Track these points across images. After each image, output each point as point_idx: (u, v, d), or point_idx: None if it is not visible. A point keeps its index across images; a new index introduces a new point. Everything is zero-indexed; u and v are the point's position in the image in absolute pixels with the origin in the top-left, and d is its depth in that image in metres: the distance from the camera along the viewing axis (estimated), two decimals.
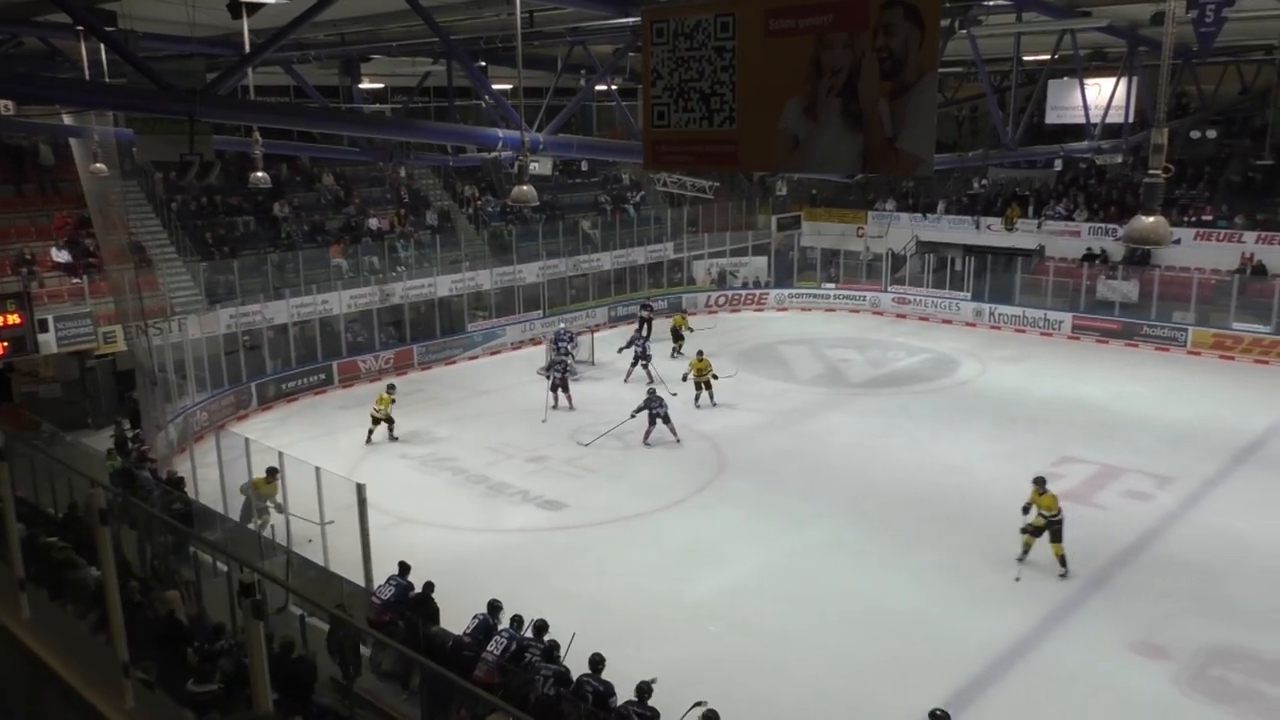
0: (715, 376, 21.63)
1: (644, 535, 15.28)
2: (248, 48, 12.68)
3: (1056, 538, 13.49)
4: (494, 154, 15.88)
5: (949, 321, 30.05)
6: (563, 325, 26.50)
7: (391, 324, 26.29)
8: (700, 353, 22.18)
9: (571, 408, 21.51)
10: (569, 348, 24.25)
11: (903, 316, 30.78)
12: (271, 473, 13.96)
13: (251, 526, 13.67)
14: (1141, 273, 27.69)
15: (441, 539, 14.90)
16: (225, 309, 22.60)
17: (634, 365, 23.63)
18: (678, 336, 26.64)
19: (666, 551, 14.64)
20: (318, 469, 12.66)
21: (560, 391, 21.66)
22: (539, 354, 25.87)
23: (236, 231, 25.87)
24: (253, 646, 3.73)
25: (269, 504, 14.01)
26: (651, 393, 19.61)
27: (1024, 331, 28.72)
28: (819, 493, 16.74)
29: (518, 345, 28.02)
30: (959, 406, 21.49)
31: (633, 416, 19.27)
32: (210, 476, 15.21)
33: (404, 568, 11.06)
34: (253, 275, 23.97)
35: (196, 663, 8.03)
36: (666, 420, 19.22)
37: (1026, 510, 13.56)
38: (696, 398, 21.65)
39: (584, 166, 35.32)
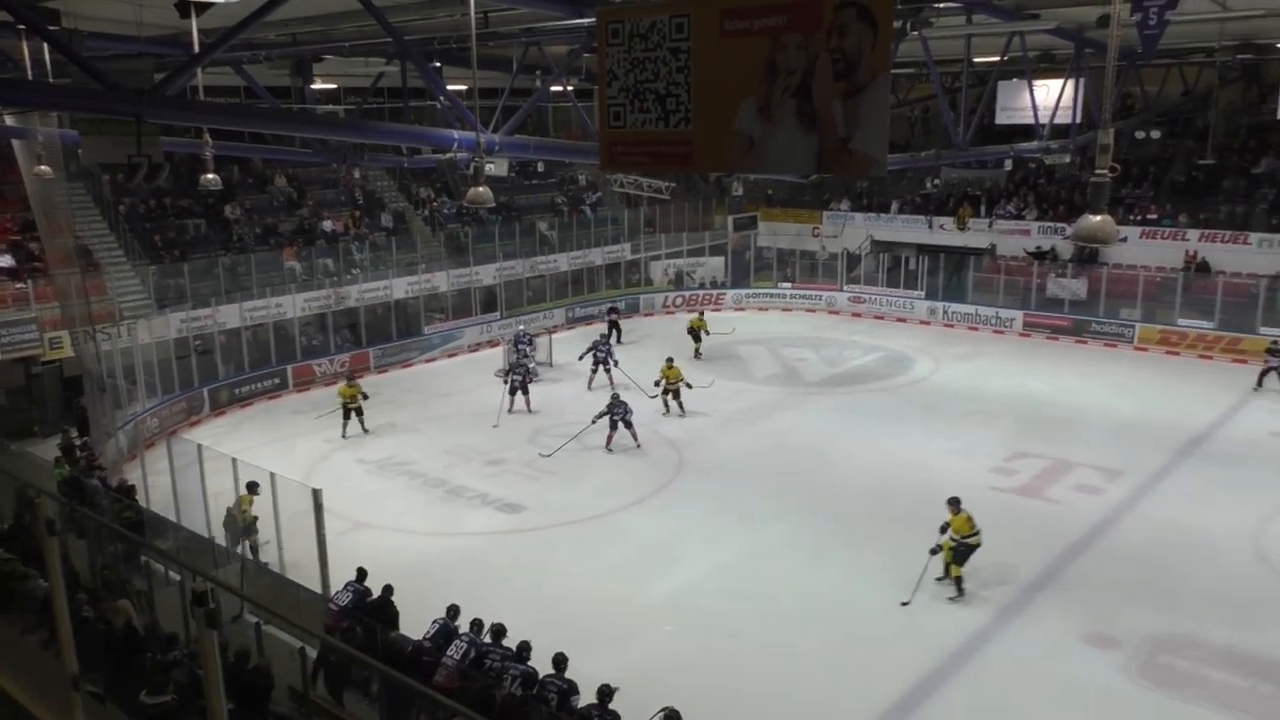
0: (688, 385, 21.28)
1: (604, 536, 15.26)
2: (196, 47, 12.49)
3: (959, 560, 12.87)
4: (449, 155, 15.75)
5: (903, 320, 30.37)
6: (521, 327, 26.41)
7: (347, 327, 26.02)
8: (670, 360, 21.73)
9: (530, 411, 21.41)
10: (528, 350, 24.17)
11: (858, 315, 31.07)
12: (252, 488, 13.45)
13: (240, 550, 13.18)
14: (1090, 271, 28.22)
15: (399, 543, 14.76)
16: (175, 313, 22.23)
17: (595, 371, 23.39)
18: (697, 338, 26.36)
19: (626, 552, 14.64)
20: (272, 474, 12.48)
21: (520, 394, 21.52)
22: (497, 356, 25.73)
23: (187, 234, 25.45)
24: (207, 656, 3.67)
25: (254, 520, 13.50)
26: (615, 398, 19.44)
27: (977, 329, 29.12)
28: (776, 491, 16.83)
29: (475, 347, 27.86)
30: (914, 404, 21.72)
31: (594, 422, 19.10)
32: (162, 484, 14.94)
33: (361, 573, 10.94)
34: (204, 279, 23.60)
35: (150, 674, 7.88)
36: (629, 426, 19.06)
37: (944, 530, 12.94)
38: (665, 406, 21.22)
39: (540, 168, 35.21)
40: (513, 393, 21.43)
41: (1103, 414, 20.69)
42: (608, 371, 23.14)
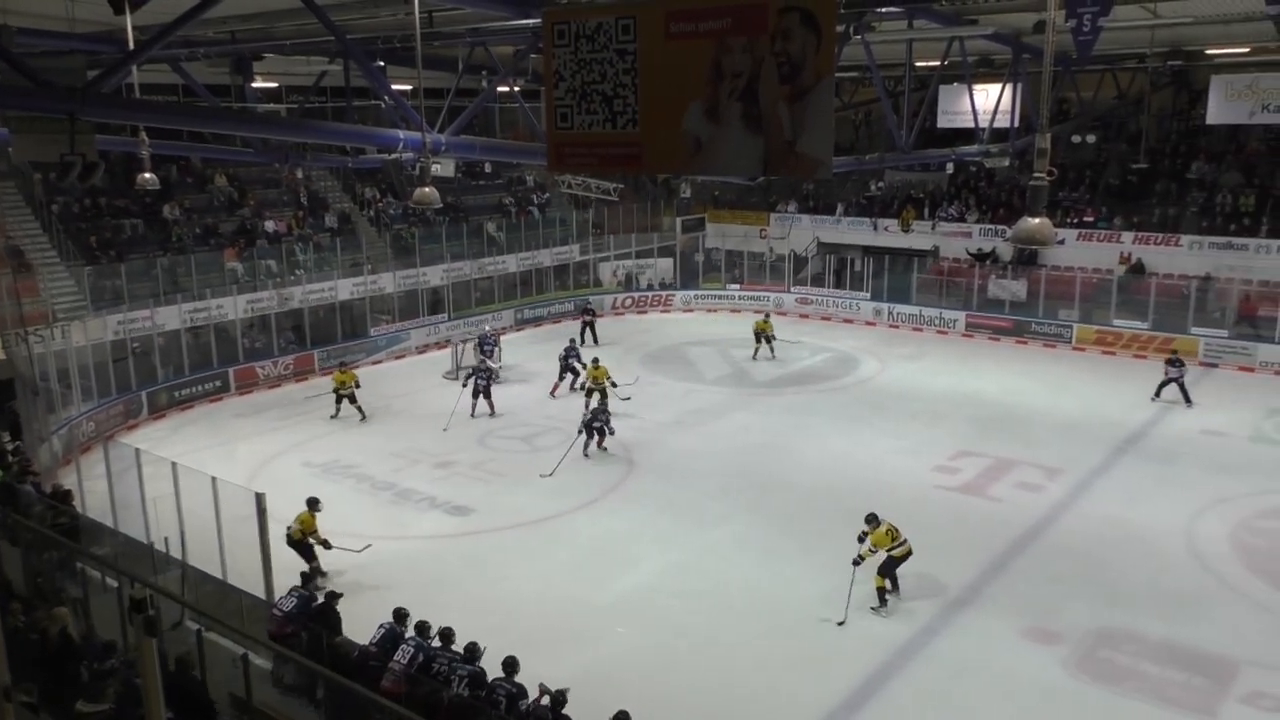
0: (613, 384, 21.00)
1: (555, 538, 15.22)
2: (131, 44, 12.22)
3: (883, 571, 12.72)
4: (395, 155, 15.59)
5: (850, 321, 30.70)
6: (488, 328, 26.22)
7: (291, 328, 25.68)
8: (595, 360, 21.59)
9: (493, 414, 21.21)
10: (494, 349, 24.17)
11: (805, 316, 31.35)
12: (313, 504, 13.49)
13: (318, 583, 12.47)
14: (1030, 272, 28.78)
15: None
16: (112, 315, 21.71)
17: (561, 378, 22.98)
18: (760, 339, 26.17)
19: (577, 554, 14.62)
20: (214, 479, 12.25)
21: (483, 398, 21.26)
22: (444, 358, 25.60)
23: (123, 234, 24.90)
24: (145, 665, 3.59)
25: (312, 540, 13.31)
26: (602, 403, 19.44)
27: (921, 330, 29.55)
28: (727, 491, 16.93)
29: (422, 349, 27.63)
30: (861, 404, 21.98)
31: (581, 433, 18.50)
32: (99, 489, 14.57)
33: (306, 578, 10.79)
34: (141, 280, 23.12)
35: (86, 682, 7.69)
36: (608, 434, 18.67)
37: (861, 540, 12.83)
38: (587, 407, 19.91)
39: (488, 168, 35.05)
40: (475, 395, 21.20)
41: (1043, 413, 21.12)
42: (574, 381, 22.62)
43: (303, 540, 13.30)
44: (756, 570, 13.97)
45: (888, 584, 12.82)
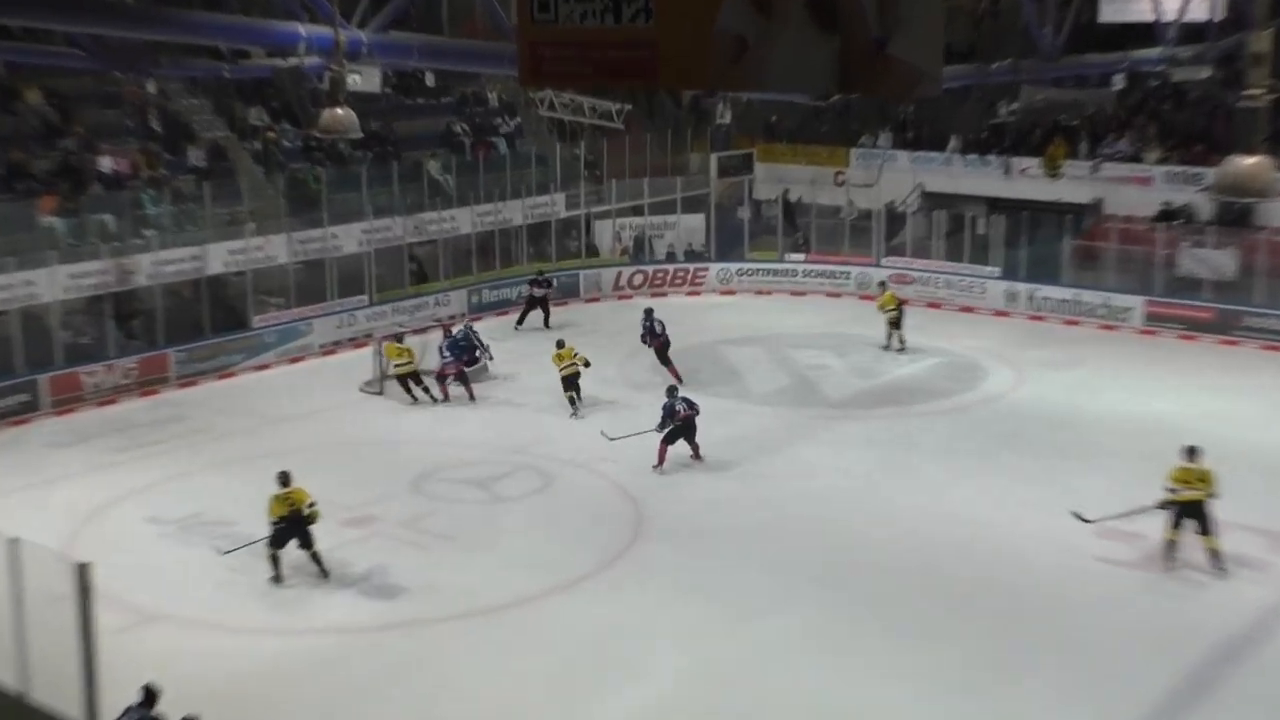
0: (586, 364, 22.63)
1: (525, 634, 15.15)
2: None
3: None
4: (293, 61, 15.53)
5: (970, 309, 30.71)
6: (457, 329, 26.17)
7: (134, 317, 25.81)
8: (560, 342, 23.43)
9: (472, 398, 23.71)
10: (480, 348, 25.75)
11: (903, 302, 31.27)
12: (286, 477, 16.40)
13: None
14: (1241, 238, 28.63)
15: (212, 648, 14.57)
16: None
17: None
18: (895, 324, 27.11)
19: (560, 658, 14.55)
20: (15, 540, 12.21)
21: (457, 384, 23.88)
22: (362, 361, 25.88)
23: None
24: None
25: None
26: (672, 390, 20.86)
27: (1077, 323, 29.53)
28: (782, 564, 16.88)
29: (330, 349, 27.78)
30: (985, 433, 21.89)
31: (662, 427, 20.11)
32: None
33: (149, 694, 10.78)
34: None
35: None
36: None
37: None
38: (572, 405, 23.21)
39: (430, 81, 35.21)
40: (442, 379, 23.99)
41: (1263, 449, 21.01)
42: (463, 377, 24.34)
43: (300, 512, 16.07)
44: (825, 685, 13.88)
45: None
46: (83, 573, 11.34)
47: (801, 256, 33.49)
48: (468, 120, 35.21)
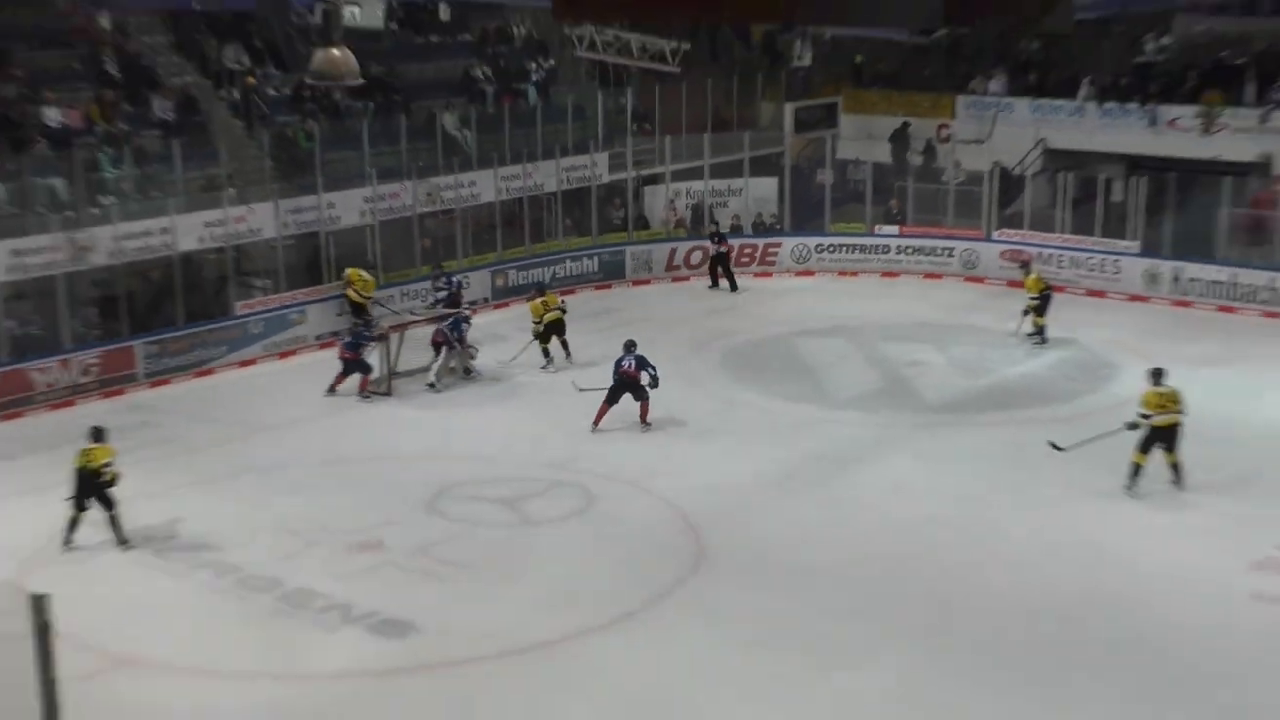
0: (562, 310, 25.16)
1: (563, 681, 15.20)
2: None
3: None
4: None
5: (1101, 294, 30.63)
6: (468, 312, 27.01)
7: (94, 303, 26.07)
8: (542, 288, 26.77)
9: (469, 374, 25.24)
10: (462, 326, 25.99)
11: (1019, 284, 31.20)
12: (98, 433, 18.48)
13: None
14: None
15: (195, 694, 14.72)
16: None
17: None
18: (1040, 310, 27.53)
19: (597, 713, 14.68)
20: None
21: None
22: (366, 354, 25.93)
23: None
24: None
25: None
26: (629, 345, 22.60)
27: (1232, 309, 29.45)
28: (871, 607, 16.82)
29: (327, 341, 27.89)
30: (1120, 446, 21.83)
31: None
32: None
33: None
34: None
35: None
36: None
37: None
38: (546, 356, 26.11)
39: (444, 14, 35.25)
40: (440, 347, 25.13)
41: None
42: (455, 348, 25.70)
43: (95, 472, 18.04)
44: None
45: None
46: (39, 606, 11.52)
47: (895, 229, 33.36)
48: (490, 63, 35.03)
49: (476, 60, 35.05)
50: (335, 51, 13.06)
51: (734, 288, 31.80)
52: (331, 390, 24.60)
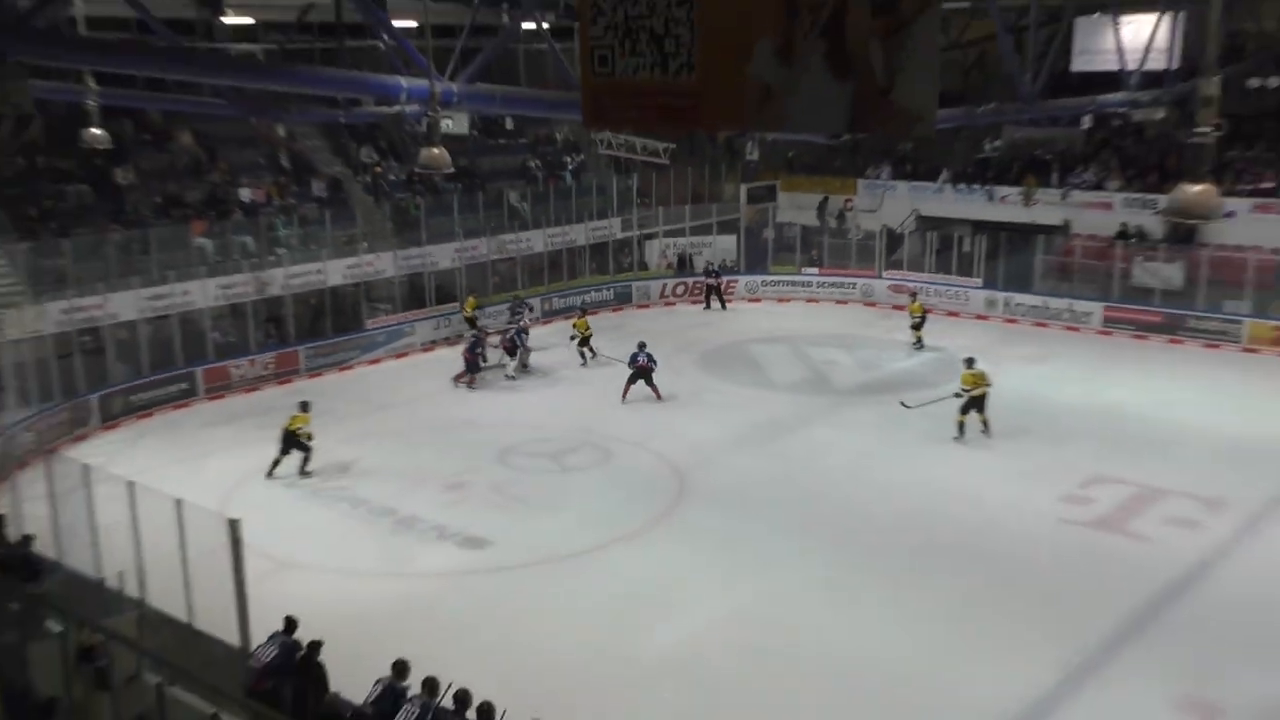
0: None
1: (586, 578, 15.34)
2: None
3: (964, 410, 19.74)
4: (397, 108, 15.74)
5: (956, 314, 30.51)
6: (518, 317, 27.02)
7: (270, 320, 26.13)
8: (582, 311, 26.73)
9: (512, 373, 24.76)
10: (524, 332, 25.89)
11: (900, 309, 31.12)
12: (304, 405, 19.03)
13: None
14: (1187, 253, 28.33)
15: (337, 587, 14.84)
16: (55, 302, 22.20)
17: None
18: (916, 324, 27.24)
19: (614, 597, 14.72)
20: (178, 502, 12.49)
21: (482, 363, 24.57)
22: (455, 356, 25.94)
23: (66, 203, 25.38)
24: None
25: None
26: (641, 345, 22.96)
27: (1046, 325, 29.28)
28: (799, 525, 16.96)
29: (429, 346, 27.96)
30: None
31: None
32: (38, 513, 14.91)
33: (290, 623, 10.97)
34: (90, 260, 23.53)
35: None
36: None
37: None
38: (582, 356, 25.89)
39: (509, 125, 35.31)
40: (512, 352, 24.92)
41: (1202, 430, 20.82)
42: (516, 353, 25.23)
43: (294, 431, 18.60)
44: (833, 622, 13.96)
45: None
46: (233, 528, 11.59)
47: (816, 270, 33.39)
48: (540, 157, 35.23)
49: (531, 155, 35.21)
50: (435, 150, 13.07)
51: (724, 307, 31.90)
52: (467, 382, 24.54)
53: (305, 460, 19.17)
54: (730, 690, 12.44)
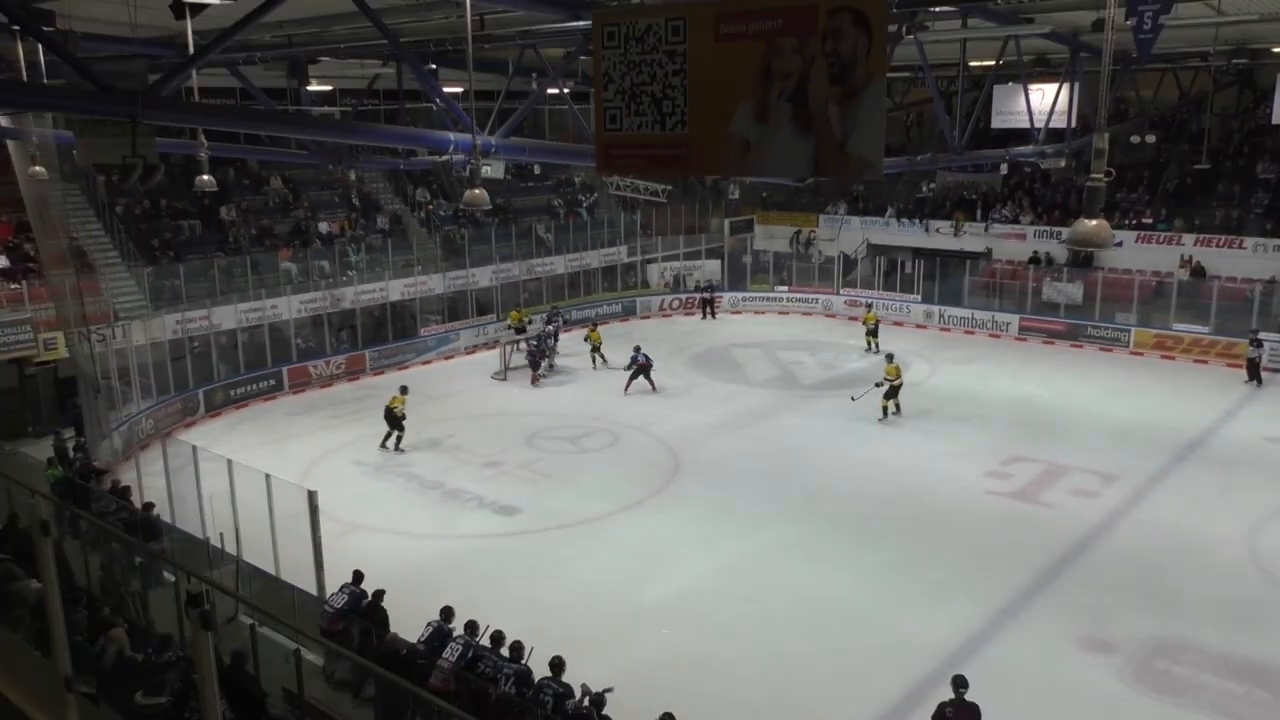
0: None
1: (599, 539, 15.28)
2: (191, 49, 12.48)
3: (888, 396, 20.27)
4: (446, 157, 15.69)
5: (900, 324, 30.40)
6: (553, 326, 26.77)
7: (343, 329, 26.06)
8: (594, 324, 26.45)
9: (536, 379, 24.18)
10: (554, 336, 25.92)
11: (854, 319, 31.03)
12: (403, 389, 19.54)
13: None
14: (1085, 275, 28.25)
15: (395, 546, 14.78)
16: (171, 314, 22.22)
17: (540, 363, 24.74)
18: (871, 330, 27.19)
19: (622, 555, 14.67)
20: (268, 476, 12.48)
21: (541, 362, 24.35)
22: (492, 358, 25.96)
23: (182, 235, 25.43)
24: (200, 659, 3.66)
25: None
26: (637, 348, 22.91)
27: (973, 333, 29.17)
28: (773, 494, 16.87)
29: (471, 349, 27.88)
30: (910, 407, 21.70)
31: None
32: (156, 485, 14.92)
33: (357, 576, 10.94)
34: (199, 280, 23.57)
35: (145, 675, 7.86)
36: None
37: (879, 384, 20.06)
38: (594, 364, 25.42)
39: (537, 170, 35.25)
40: (537, 361, 24.42)
41: (1099, 418, 20.73)
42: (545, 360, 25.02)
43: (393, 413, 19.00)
44: (802, 575, 13.90)
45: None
46: (311, 497, 11.59)
47: (785, 288, 33.28)
48: (561, 196, 35.16)
49: (554, 195, 35.11)
50: (477, 191, 12.98)
51: (714, 317, 31.80)
52: (531, 380, 24.43)
53: (399, 438, 19.24)
54: (719, 631, 12.39)
